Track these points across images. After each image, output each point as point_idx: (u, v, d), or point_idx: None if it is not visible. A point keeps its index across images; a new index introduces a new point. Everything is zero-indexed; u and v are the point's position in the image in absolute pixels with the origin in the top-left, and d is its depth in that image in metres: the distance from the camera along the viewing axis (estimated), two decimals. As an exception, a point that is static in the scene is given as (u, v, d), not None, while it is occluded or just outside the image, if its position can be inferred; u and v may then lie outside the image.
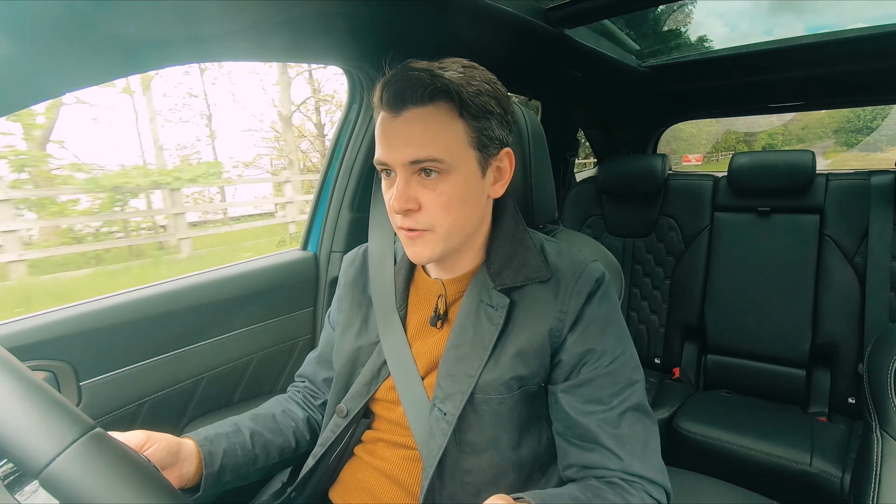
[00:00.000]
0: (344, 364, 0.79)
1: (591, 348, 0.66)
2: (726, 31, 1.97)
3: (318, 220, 1.35)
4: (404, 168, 0.63)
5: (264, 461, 0.77)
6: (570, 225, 2.17)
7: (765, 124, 10.77)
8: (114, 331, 0.94)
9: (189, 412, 1.08)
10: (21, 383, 0.42)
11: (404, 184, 0.63)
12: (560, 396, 0.67)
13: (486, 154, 0.66)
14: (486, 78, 0.67)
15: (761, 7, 2.21)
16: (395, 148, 0.63)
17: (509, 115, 0.69)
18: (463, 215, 0.66)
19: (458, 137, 0.63)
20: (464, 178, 0.64)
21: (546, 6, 1.23)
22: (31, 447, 0.40)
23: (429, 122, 0.62)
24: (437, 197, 0.63)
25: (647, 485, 0.62)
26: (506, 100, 0.68)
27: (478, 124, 0.64)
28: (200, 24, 0.75)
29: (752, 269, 1.80)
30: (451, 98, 0.62)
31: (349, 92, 1.26)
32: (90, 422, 0.43)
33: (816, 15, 1.93)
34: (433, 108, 0.62)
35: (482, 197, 0.69)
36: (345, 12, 0.89)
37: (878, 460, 0.71)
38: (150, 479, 0.43)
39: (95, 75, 0.73)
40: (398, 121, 0.62)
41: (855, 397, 1.61)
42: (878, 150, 12.19)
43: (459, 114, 0.63)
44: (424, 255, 0.67)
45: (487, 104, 0.64)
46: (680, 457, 1.54)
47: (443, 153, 0.62)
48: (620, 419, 0.64)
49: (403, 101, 0.61)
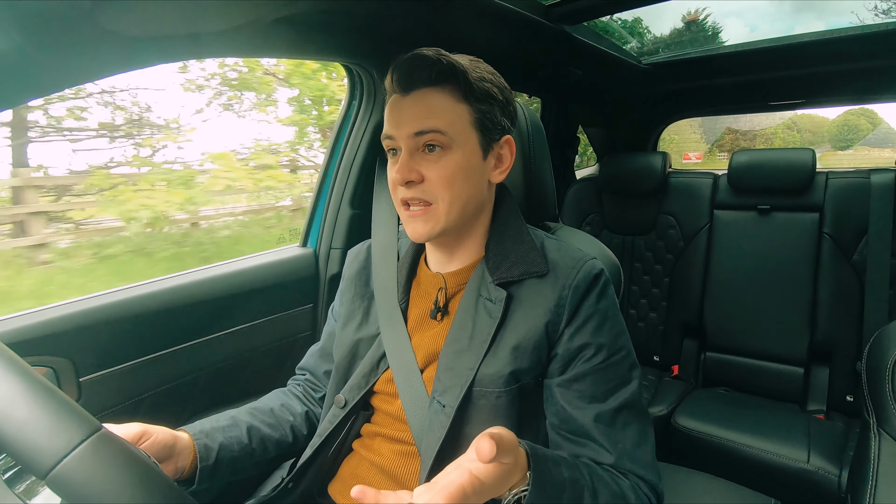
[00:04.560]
0: (343, 355, 0.79)
1: (587, 343, 0.66)
2: (746, 31, 1.96)
3: (318, 216, 1.35)
4: (408, 141, 0.66)
5: (261, 455, 0.77)
6: (570, 222, 2.17)
7: (765, 123, 10.63)
8: (114, 327, 0.94)
9: (189, 408, 1.08)
10: (26, 384, 0.42)
11: (408, 156, 0.67)
12: (555, 390, 0.67)
13: (489, 137, 0.70)
14: (489, 70, 0.71)
15: (783, 7, 2.19)
16: (402, 123, 0.67)
17: (511, 105, 0.72)
18: (464, 192, 0.68)
19: (463, 117, 0.67)
20: (465, 155, 0.67)
21: (547, 3, 1.23)
22: (39, 448, 0.40)
23: (435, 101, 0.66)
24: (439, 169, 0.66)
25: (636, 479, 0.63)
26: (507, 91, 0.72)
27: (481, 107, 0.68)
28: (201, 19, 0.75)
29: (752, 267, 1.80)
30: (456, 80, 0.66)
31: (349, 88, 1.26)
32: (96, 422, 0.43)
33: (839, 16, 1.93)
34: (439, 90, 0.66)
35: (483, 179, 0.71)
36: (346, 9, 0.89)
37: (876, 458, 0.71)
38: (156, 480, 0.43)
39: (95, 71, 0.73)
40: (407, 99, 0.67)
41: (853, 395, 1.62)
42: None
43: (464, 96, 0.67)
44: (424, 232, 0.69)
45: (490, 90, 0.69)
46: (678, 454, 1.55)
47: (446, 126, 0.65)
48: (614, 416, 0.65)
49: (412, 81, 0.66)
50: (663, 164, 1.98)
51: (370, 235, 0.90)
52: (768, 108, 2.28)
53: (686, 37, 2.08)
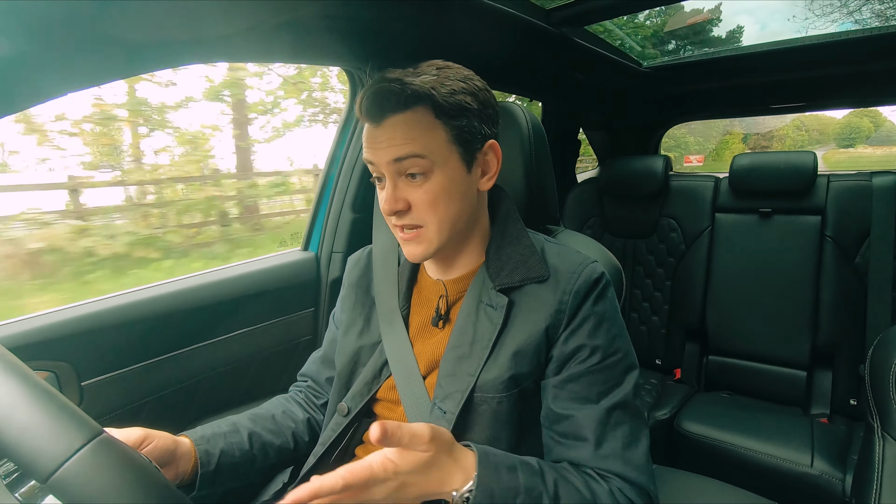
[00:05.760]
0: (345, 363, 0.79)
1: (582, 345, 0.66)
2: (757, 30, 1.96)
3: (320, 220, 1.35)
4: (390, 168, 0.66)
5: (262, 462, 0.77)
6: (571, 225, 2.17)
7: (777, 124, 10.99)
8: (115, 331, 0.94)
9: (190, 413, 1.08)
10: (28, 388, 0.42)
11: (392, 186, 0.67)
12: (550, 391, 0.67)
13: (470, 149, 0.68)
14: (461, 76, 0.68)
15: (797, 7, 2.15)
16: (379, 150, 0.66)
17: (490, 108, 0.70)
18: (451, 211, 0.68)
19: (439, 136, 0.65)
20: (448, 174, 0.66)
21: (548, 7, 1.23)
22: (40, 453, 0.40)
23: (408, 126, 0.64)
24: (423, 195, 0.66)
25: (621, 483, 0.62)
26: (484, 93, 0.70)
27: (456, 122, 0.66)
28: (203, 25, 0.75)
29: (754, 270, 1.80)
30: (425, 102, 0.64)
31: (350, 93, 1.26)
32: (98, 427, 0.43)
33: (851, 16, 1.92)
34: (411, 114, 0.64)
35: (471, 191, 0.71)
36: (347, 14, 0.89)
37: (880, 462, 0.71)
38: (157, 485, 0.43)
39: (98, 76, 0.74)
40: (380, 128, 0.66)
41: (856, 399, 1.61)
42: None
43: (436, 115, 0.65)
44: (418, 253, 0.69)
45: (462, 101, 0.66)
46: (681, 458, 1.54)
47: (423, 150, 0.64)
48: (606, 417, 0.64)
49: (381, 111, 0.65)
50: (664, 167, 1.98)
51: (371, 239, 0.90)
52: (770, 111, 2.28)
53: (697, 38, 2.07)
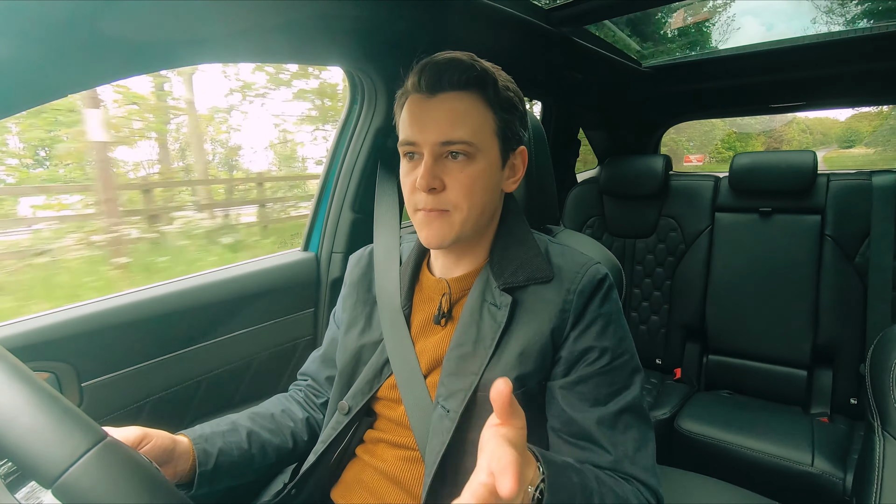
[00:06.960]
0: (347, 362, 0.79)
1: (590, 346, 0.66)
2: (762, 30, 1.96)
3: (320, 221, 1.35)
4: (433, 148, 0.65)
5: (261, 461, 0.77)
6: (571, 225, 2.17)
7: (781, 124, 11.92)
8: (115, 332, 0.94)
9: (190, 413, 1.08)
10: (31, 390, 0.42)
11: (432, 162, 0.65)
12: (557, 393, 0.67)
13: (507, 147, 0.70)
14: (510, 78, 0.71)
15: (801, 7, 2.14)
16: (427, 128, 0.65)
17: (526, 114, 0.73)
18: (482, 201, 0.68)
19: (487, 126, 0.66)
20: (487, 164, 0.67)
21: (547, 7, 1.23)
22: (44, 457, 0.40)
23: (462, 107, 0.65)
24: (462, 178, 0.66)
25: (638, 485, 0.63)
26: (524, 102, 0.72)
27: (505, 116, 0.68)
28: (202, 25, 0.75)
29: (754, 269, 1.80)
30: (484, 88, 0.65)
31: (350, 93, 1.26)
32: (101, 431, 0.43)
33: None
34: (466, 95, 0.65)
35: (498, 188, 0.72)
36: (346, 14, 0.89)
37: (881, 461, 0.71)
38: (161, 489, 0.43)
39: (98, 77, 0.74)
40: (431, 102, 0.65)
41: (857, 398, 1.61)
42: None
43: (490, 104, 0.66)
44: (438, 238, 0.68)
45: (513, 99, 0.69)
46: (681, 457, 1.54)
47: (473, 137, 0.65)
48: (616, 419, 0.64)
49: (441, 83, 0.64)
50: (664, 166, 1.98)
51: (371, 239, 0.90)
52: (769, 110, 2.28)
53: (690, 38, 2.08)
